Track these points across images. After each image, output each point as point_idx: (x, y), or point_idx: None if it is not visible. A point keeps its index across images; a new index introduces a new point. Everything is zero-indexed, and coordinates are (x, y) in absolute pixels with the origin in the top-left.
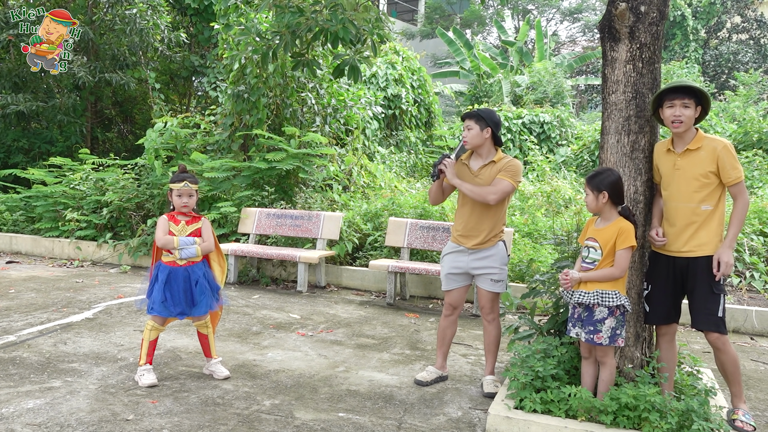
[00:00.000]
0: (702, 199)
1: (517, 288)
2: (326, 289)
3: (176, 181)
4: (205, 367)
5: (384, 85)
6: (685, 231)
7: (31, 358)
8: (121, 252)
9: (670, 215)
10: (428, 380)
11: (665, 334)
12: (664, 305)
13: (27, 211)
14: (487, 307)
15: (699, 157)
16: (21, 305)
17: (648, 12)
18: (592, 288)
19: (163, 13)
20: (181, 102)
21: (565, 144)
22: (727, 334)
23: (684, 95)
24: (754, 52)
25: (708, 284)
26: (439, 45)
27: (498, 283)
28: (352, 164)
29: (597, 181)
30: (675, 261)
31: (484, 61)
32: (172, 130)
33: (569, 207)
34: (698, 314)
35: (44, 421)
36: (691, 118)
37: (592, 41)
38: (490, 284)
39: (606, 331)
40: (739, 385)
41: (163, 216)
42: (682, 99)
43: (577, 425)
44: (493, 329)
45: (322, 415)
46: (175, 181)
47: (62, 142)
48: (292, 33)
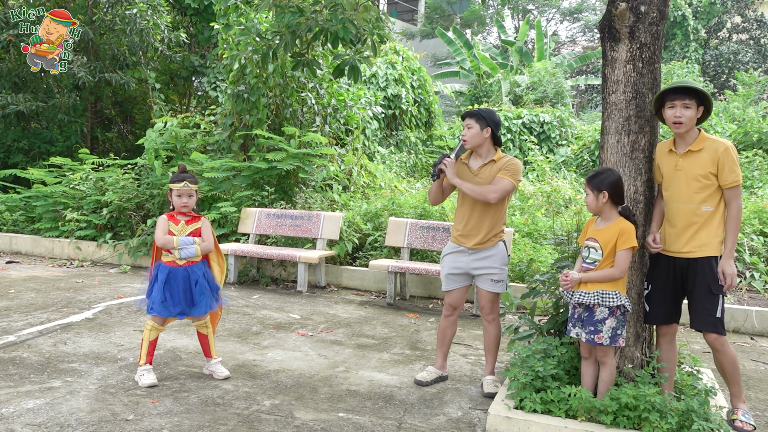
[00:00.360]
0: (703, 200)
1: (517, 288)
2: (326, 289)
3: (176, 181)
4: (205, 367)
5: (384, 85)
6: (686, 232)
7: (31, 358)
8: (121, 252)
9: (671, 216)
10: (428, 380)
11: (665, 334)
12: (664, 305)
13: (27, 211)
14: (487, 307)
15: (700, 158)
16: (21, 305)
17: (648, 12)
18: (592, 288)
19: (163, 13)
20: (181, 102)
21: (565, 144)
22: (726, 334)
23: (685, 96)
24: (754, 52)
25: (707, 285)
26: (439, 45)
27: (498, 283)
28: (352, 164)
29: (597, 181)
30: (675, 261)
31: (483, 61)
32: (172, 130)
33: (569, 207)
34: (697, 315)
35: (44, 421)
36: (692, 118)
37: (592, 41)
38: (490, 284)
39: (606, 331)
40: (738, 385)
41: (163, 216)
42: (682, 99)
43: (577, 425)
44: (493, 329)
45: (322, 415)
46: (175, 181)
47: (62, 142)
48: (292, 33)
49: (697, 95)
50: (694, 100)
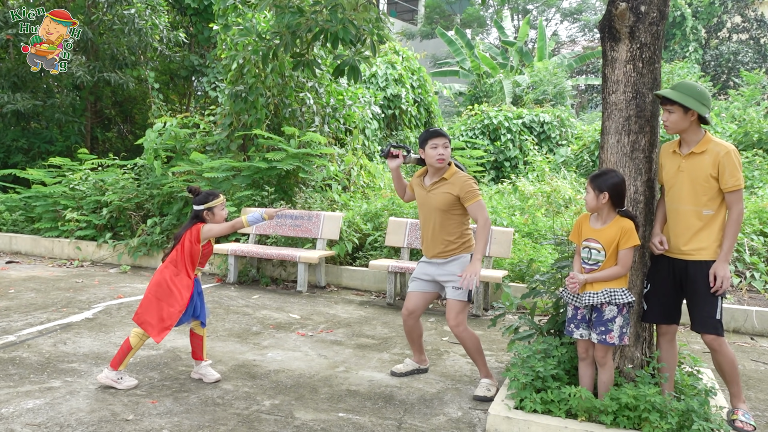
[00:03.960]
0: (704, 203)
1: (517, 288)
2: (326, 289)
3: (215, 197)
4: (194, 371)
5: (384, 85)
6: (685, 234)
7: (30, 358)
8: (120, 252)
9: (671, 217)
10: (402, 371)
11: (665, 334)
12: (661, 304)
13: (27, 211)
14: (451, 316)
15: (703, 161)
16: (21, 305)
17: (648, 12)
18: (599, 288)
19: (161, 13)
20: (180, 102)
21: (565, 144)
22: (724, 335)
23: (665, 101)
24: (754, 52)
25: (706, 287)
26: (439, 45)
27: (459, 290)
28: (351, 164)
29: (600, 181)
30: (674, 262)
31: (484, 61)
32: (172, 130)
33: (569, 207)
34: (696, 316)
35: (44, 421)
36: (676, 122)
37: (592, 41)
38: (450, 291)
39: (617, 330)
40: (737, 385)
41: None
42: (665, 105)
43: (577, 425)
44: (464, 340)
45: (322, 415)
46: (214, 197)
47: (62, 142)
48: (292, 34)
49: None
50: (677, 105)
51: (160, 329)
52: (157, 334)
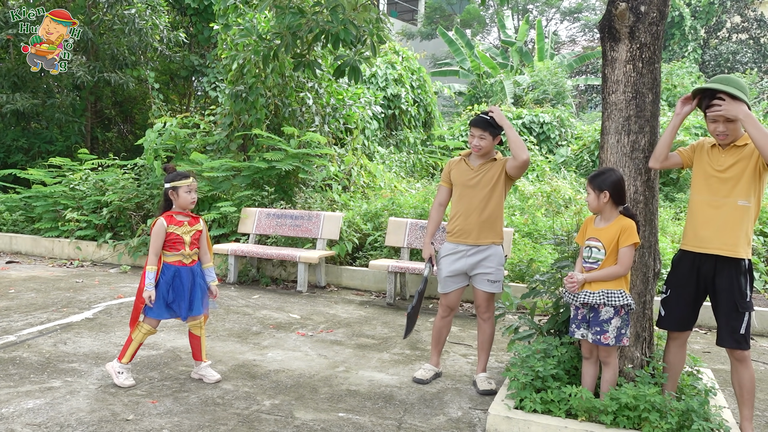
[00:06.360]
0: (738, 194)
1: (517, 288)
2: (326, 289)
3: (183, 178)
4: (194, 371)
5: (384, 85)
6: (715, 226)
7: (31, 358)
8: (121, 252)
9: (702, 210)
10: (428, 378)
11: (677, 339)
12: (681, 312)
13: (27, 211)
14: (483, 306)
15: (745, 153)
16: (21, 305)
17: (648, 12)
18: (597, 288)
19: (162, 13)
20: (180, 102)
21: (565, 144)
22: (749, 349)
23: (708, 95)
24: (754, 52)
25: (734, 302)
26: (439, 45)
27: (495, 283)
28: (351, 164)
29: (599, 180)
30: (699, 268)
31: (484, 61)
32: (172, 130)
33: (569, 207)
34: (721, 331)
35: (44, 421)
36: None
37: (592, 41)
38: (487, 285)
39: (612, 331)
40: (751, 408)
41: (161, 220)
42: (710, 100)
43: (577, 425)
44: (488, 327)
45: (322, 415)
46: (181, 177)
47: (62, 142)
48: (293, 34)
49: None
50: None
51: (132, 321)
52: (131, 325)
